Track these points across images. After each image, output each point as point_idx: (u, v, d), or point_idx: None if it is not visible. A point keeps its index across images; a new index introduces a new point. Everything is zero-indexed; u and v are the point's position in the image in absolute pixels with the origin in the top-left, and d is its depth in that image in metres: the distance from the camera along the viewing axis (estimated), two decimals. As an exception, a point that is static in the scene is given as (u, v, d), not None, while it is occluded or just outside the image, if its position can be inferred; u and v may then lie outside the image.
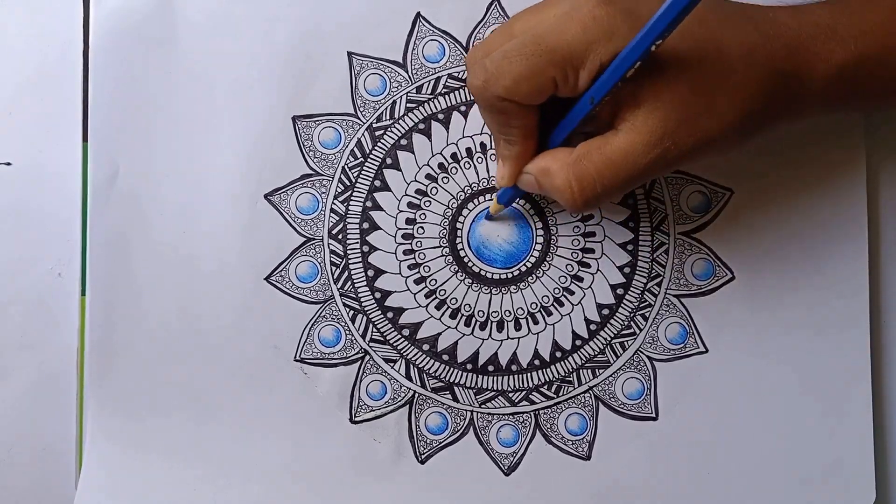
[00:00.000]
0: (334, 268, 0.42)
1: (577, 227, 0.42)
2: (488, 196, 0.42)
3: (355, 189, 0.42)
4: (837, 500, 0.42)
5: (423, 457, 0.42)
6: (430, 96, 0.42)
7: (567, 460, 0.42)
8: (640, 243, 0.42)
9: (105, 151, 0.41)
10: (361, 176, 0.42)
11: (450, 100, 0.42)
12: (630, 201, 0.42)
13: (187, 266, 0.41)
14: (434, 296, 0.42)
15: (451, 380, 0.42)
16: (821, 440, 0.42)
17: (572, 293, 0.42)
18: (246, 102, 0.41)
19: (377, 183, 0.42)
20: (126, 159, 0.41)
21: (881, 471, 0.42)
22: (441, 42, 0.42)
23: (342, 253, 0.42)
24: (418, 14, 0.42)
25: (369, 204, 0.42)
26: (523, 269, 0.42)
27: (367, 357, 0.42)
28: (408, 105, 0.42)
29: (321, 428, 0.41)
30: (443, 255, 0.42)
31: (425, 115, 0.42)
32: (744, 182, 0.42)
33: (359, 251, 0.42)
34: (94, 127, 0.41)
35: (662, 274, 0.42)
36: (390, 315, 0.42)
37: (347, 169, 0.42)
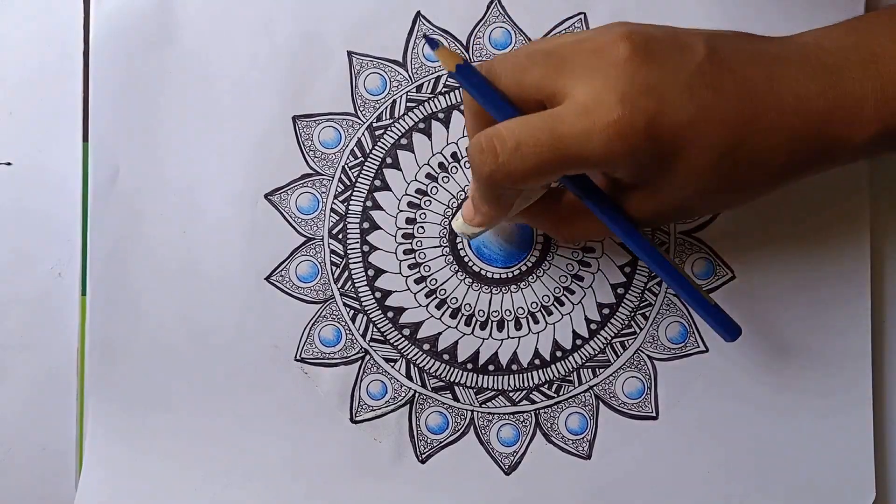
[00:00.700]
0: (334, 267, 0.42)
1: (578, 227, 0.42)
2: (488, 195, 0.42)
3: (355, 189, 0.42)
4: (837, 499, 0.42)
5: (424, 456, 0.42)
6: (431, 95, 0.42)
7: (567, 460, 0.42)
8: (641, 243, 0.42)
9: (105, 151, 0.41)
10: (361, 175, 0.42)
11: (450, 99, 0.42)
12: (630, 201, 0.42)
13: (187, 266, 0.41)
14: (434, 295, 0.42)
15: (452, 379, 0.42)
16: (821, 439, 0.42)
17: (573, 292, 0.42)
18: (246, 102, 0.41)
19: (377, 182, 0.42)
20: (126, 159, 0.41)
21: (881, 470, 0.42)
22: (441, 41, 0.42)
23: (342, 253, 0.42)
24: (418, 13, 0.42)
25: (369, 203, 0.42)
26: (524, 269, 0.42)
27: (368, 357, 0.42)
28: (408, 104, 0.42)
29: (321, 428, 0.41)
30: (443, 255, 0.42)
31: (425, 115, 0.42)
32: (744, 181, 0.42)
33: (359, 251, 0.42)
34: (95, 127, 0.41)
35: (663, 273, 0.42)
36: (391, 315, 0.42)
37: (347, 168, 0.42)
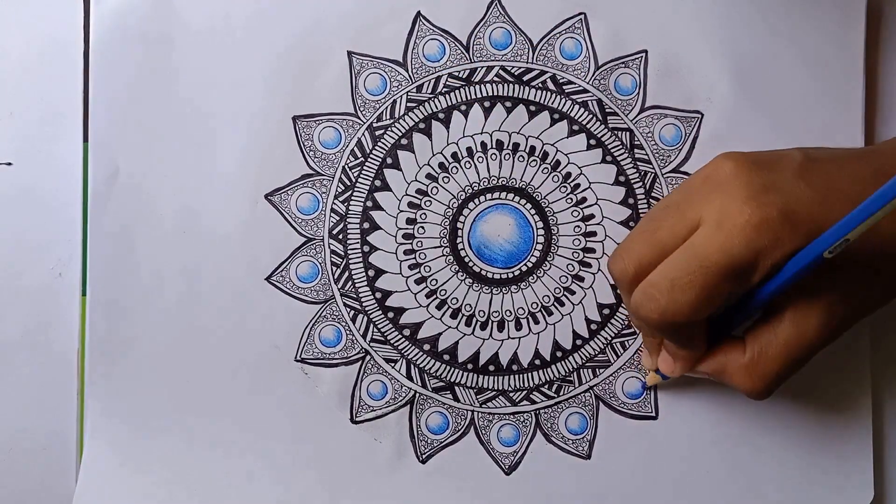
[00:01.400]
0: (335, 268, 0.42)
1: (578, 227, 0.42)
2: (489, 195, 0.42)
3: (356, 189, 0.42)
4: (836, 499, 0.42)
5: (424, 456, 0.42)
6: (431, 95, 0.42)
7: (567, 460, 0.42)
8: (641, 243, 0.42)
9: (105, 151, 0.41)
10: (362, 176, 0.42)
11: (450, 99, 0.42)
12: (630, 201, 0.42)
13: (188, 266, 0.41)
14: (435, 296, 0.42)
15: (452, 380, 0.42)
16: (819, 439, 0.42)
17: (573, 293, 0.42)
18: (246, 102, 0.41)
19: (377, 183, 0.42)
20: (126, 159, 0.41)
21: (879, 469, 0.42)
22: (441, 41, 0.42)
23: (343, 253, 0.42)
24: (418, 13, 0.42)
25: (370, 204, 0.42)
26: (524, 269, 0.42)
27: (368, 357, 0.42)
28: (408, 104, 0.42)
29: (322, 428, 0.41)
30: (443, 255, 0.42)
31: (426, 115, 0.42)
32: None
33: (359, 251, 0.42)
34: (95, 127, 0.41)
35: (663, 273, 0.42)
36: (391, 315, 0.42)
37: (348, 169, 0.42)
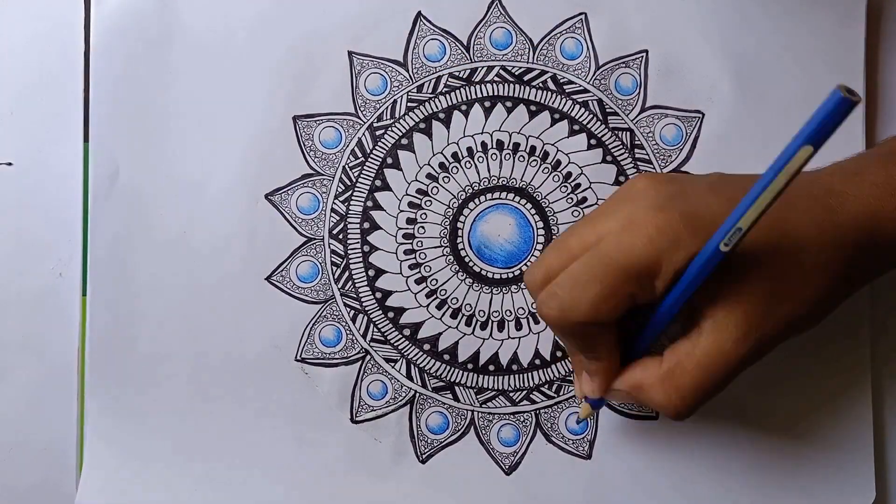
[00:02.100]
0: (335, 268, 0.42)
1: (578, 227, 0.42)
2: (489, 195, 0.42)
3: (356, 189, 0.42)
4: (837, 499, 0.42)
5: (424, 456, 0.42)
6: (431, 95, 0.42)
7: (568, 459, 0.42)
8: (641, 243, 0.42)
9: (105, 151, 0.41)
10: (362, 175, 0.42)
11: (450, 99, 0.42)
12: (631, 201, 0.42)
13: (188, 266, 0.41)
14: (435, 295, 0.42)
15: (452, 379, 0.42)
16: (820, 439, 0.42)
17: (573, 293, 0.42)
18: (246, 102, 0.41)
19: (378, 182, 0.42)
20: (126, 159, 0.41)
21: (881, 470, 0.42)
22: (442, 41, 0.42)
23: (343, 253, 0.42)
24: (419, 13, 0.42)
25: (370, 204, 0.42)
26: (524, 269, 0.42)
27: (368, 357, 0.42)
28: (408, 104, 0.42)
29: (322, 428, 0.41)
30: (444, 255, 0.42)
31: (426, 115, 0.42)
32: (744, 181, 0.42)
33: (359, 251, 0.42)
34: (95, 127, 0.41)
35: (663, 273, 0.42)
36: (391, 315, 0.42)
37: (348, 168, 0.42)
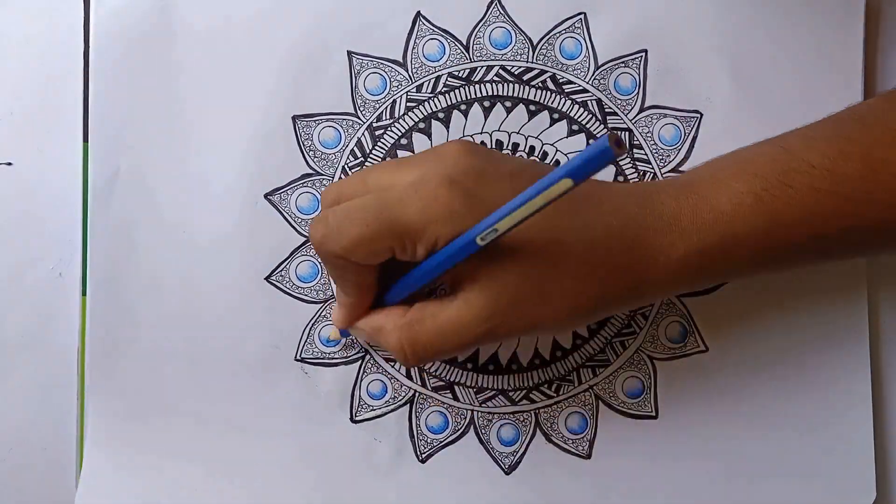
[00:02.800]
0: (335, 267, 0.42)
1: (578, 227, 0.42)
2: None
3: (355, 188, 0.42)
4: (838, 499, 0.42)
5: (424, 456, 0.42)
6: (431, 95, 0.42)
7: (567, 459, 0.42)
8: (640, 242, 0.42)
9: (105, 151, 0.41)
10: (362, 175, 0.42)
11: (450, 98, 0.42)
12: (630, 200, 0.42)
13: (187, 266, 0.41)
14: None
15: (452, 379, 0.42)
16: (821, 439, 0.42)
17: (572, 292, 0.42)
18: (246, 102, 0.41)
19: (377, 182, 0.42)
20: (126, 159, 0.41)
21: (881, 469, 0.42)
22: (441, 41, 0.42)
23: (342, 252, 0.42)
24: (418, 13, 0.42)
25: (369, 203, 0.42)
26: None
27: (368, 356, 0.42)
28: (408, 104, 0.42)
29: (322, 427, 0.41)
30: (443, 255, 0.42)
31: (425, 115, 0.42)
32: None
33: (359, 250, 0.42)
34: (95, 127, 0.41)
35: (662, 273, 0.42)
36: (391, 314, 0.42)
37: (348, 168, 0.42)
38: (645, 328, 0.42)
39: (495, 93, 0.42)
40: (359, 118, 0.42)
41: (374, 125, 0.42)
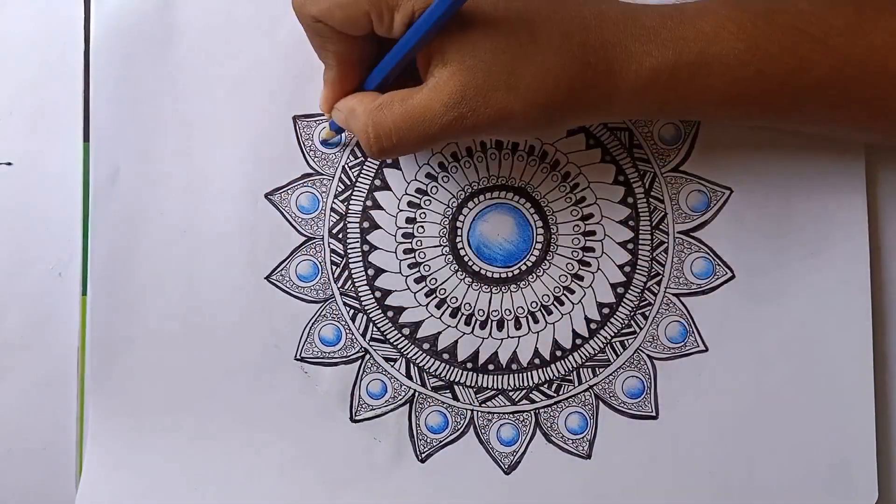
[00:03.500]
0: (335, 267, 0.42)
1: (577, 227, 0.42)
2: (488, 195, 0.42)
3: (356, 188, 0.42)
4: (839, 500, 0.41)
5: (424, 456, 0.42)
6: (430, 95, 0.42)
7: (567, 459, 0.42)
8: (640, 242, 0.42)
9: (106, 151, 0.41)
10: (362, 175, 0.42)
11: (449, 99, 0.42)
12: (630, 200, 0.42)
13: (188, 265, 0.41)
14: (434, 295, 0.42)
15: (452, 379, 0.42)
16: (822, 439, 0.42)
17: (572, 292, 0.42)
18: (246, 102, 0.41)
19: (377, 182, 0.42)
20: (126, 159, 0.41)
21: (884, 470, 0.42)
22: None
23: (342, 252, 0.42)
24: (418, 13, 0.42)
25: (369, 203, 0.42)
26: (523, 268, 0.42)
27: (368, 356, 0.42)
28: (408, 104, 0.42)
29: (321, 427, 0.41)
30: (443, 254, 0.42)
31: (425, 114, 0.42)
32: (743, 181, 0.42)
33: (359, 250, 0.42)
34: (95, 127, 0.41)
35: (662, 273, 0.42)
36: (390, 314, 0.42)
37: (348, 168, 0.42)
38: (645, 328, 0.42)
39: (495, 92, 0.42)
40: (359, 118, 0.42)
41: (374, 125, 0.42)
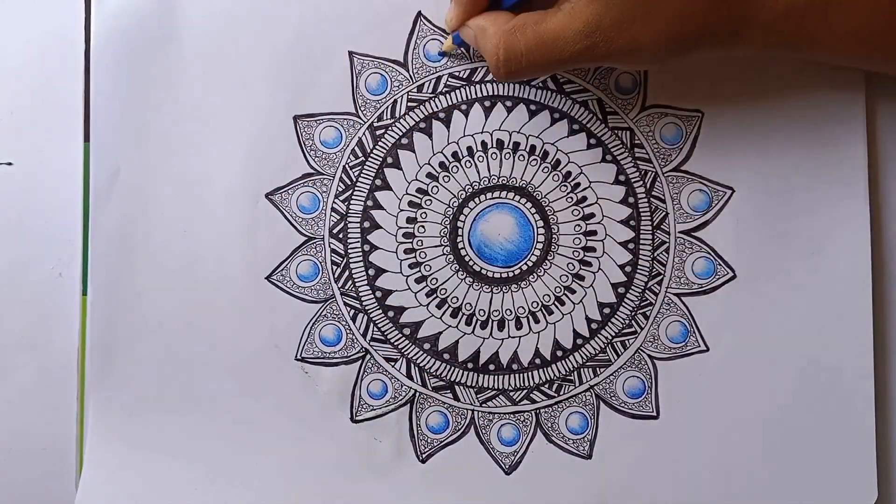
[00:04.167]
0: (335, 267, 0.42)
1: (579, 226, 0.42)
2: (489, 195, 0.42)
3: (356, 188, 0.42)
4: (839, 499, 0.41)
5: (424, 456, 0.42)
6: (431, 95, 0.42)
7: (568, 459, 0.42)
8: (641, 242, 0.42)
9: (106, 151, 0.41)
10: (362, 175, 0.42)
11: (451, 98, 0.42)
12: (631, 199, 0.42)
13: (188, 265, 0.41)
14: (435, 295, 0.42)
15: (452, 379, 0.42)
16: (822, 439, 0.42)
17: (573, 292, 0.42)
18: (247, 102, 0.41)
19: (378, 182, 0.42)
20: (126, 159, 0.41)
21: (883, 470, 0.42)
22: (442, 41, 0.42)
23: (343, 252, 0.42)
24: (419, 13, 0.42)
25: (370, 203, 0.42)
26: (524, 268, 0.42)
27: (368, 356, 0.42)
28: (409, 104, 0.42)
29: (322, 427, 0.41)
30: (444, 254, 0.42)
31: (426, 114, 0.42)
32: (745, 181, 0.42)
33: (360, 250, 0.42)
34: (95, 127, 0.41)
35: (663, 273, 0.42)
36: (391, 314, 0.42)
37: (348, 168, 0.42)
38: (646, 328, 0.42)
39: (496, 92, 0.42)
40: (359, 118, 0.42)
41: (375, 125, 0.42)
